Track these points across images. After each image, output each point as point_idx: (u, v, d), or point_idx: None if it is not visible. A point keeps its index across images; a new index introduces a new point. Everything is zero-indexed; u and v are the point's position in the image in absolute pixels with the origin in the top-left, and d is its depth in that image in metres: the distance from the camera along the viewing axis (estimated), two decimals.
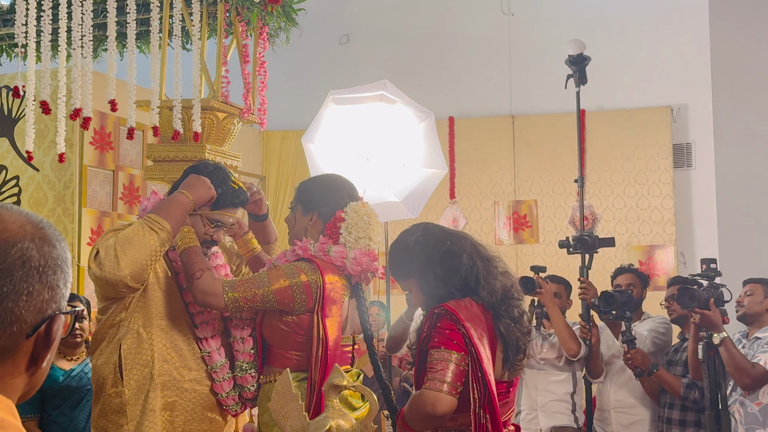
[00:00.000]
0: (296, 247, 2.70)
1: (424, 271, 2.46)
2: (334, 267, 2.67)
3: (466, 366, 2.26)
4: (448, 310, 2.34)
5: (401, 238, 2.57)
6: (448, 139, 7.60)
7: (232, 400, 2.83)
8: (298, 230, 2.79)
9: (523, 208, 7.47)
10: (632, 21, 7.54)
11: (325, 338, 2.54)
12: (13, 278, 1.09)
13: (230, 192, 2.82)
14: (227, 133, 4.33)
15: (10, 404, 1.09)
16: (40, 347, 1.13)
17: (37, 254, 1.11)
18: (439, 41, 8.01)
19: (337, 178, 2.92)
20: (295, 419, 2.00)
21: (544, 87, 7.35)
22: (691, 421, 4.22)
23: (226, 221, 2.82)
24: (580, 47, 4.61)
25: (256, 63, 4.38)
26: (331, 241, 2.70)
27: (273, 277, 2.58)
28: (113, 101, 3.65)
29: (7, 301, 1.08)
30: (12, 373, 1.11)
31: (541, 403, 4.68)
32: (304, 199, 2.80)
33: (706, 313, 3.74)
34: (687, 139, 7.37)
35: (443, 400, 2.21)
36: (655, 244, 7.23)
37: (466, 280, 2.41)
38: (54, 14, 3.60)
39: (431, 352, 2.28)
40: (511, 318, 2.43)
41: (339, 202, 2.75)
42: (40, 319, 1.12)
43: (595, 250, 4.43)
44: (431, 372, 2.25)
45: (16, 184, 5.74)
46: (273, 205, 7.93)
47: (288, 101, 7.53)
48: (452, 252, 2.44)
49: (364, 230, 2.68)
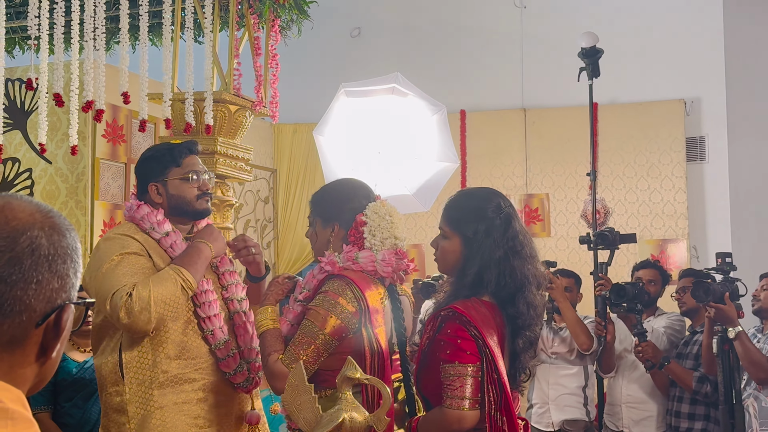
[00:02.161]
0: (322, 264, 2.59)
1: (481, 244, 2.34)
2: (366, 274, 2.58)
3: (481, 374, 2.22)
4: (457, 311, 2.26)
5: (483, 195, 2.47)
6: (459, 132, 7.59)
7: (242, 376, 2.83)
8: (320, 244, 2.69)
9: (534, 201, 7.45)
10: (645, 13, 7.50)
11: (380, 349, 2.48)
12: (22, 266, 1.08)
13: (178, 146, 2.89)
14: (239, 126, 4.33)
15: (20, 395, 1.09)
16: (50, 337, 1.13)
17: (47, 243, 1.11)
18: (451, 34, 7.98)
19: (350, 182, 2.84)
20: (308, 411, 1.99)
21: (556, 80, 7.32)
22: (700, 415, 4.19)
23: (198, 169, 2.86)
24: (593, 40, 4.59)
25: (268, 56, 4.38)
26: (356, 248, 2.60)
27: (320, 321, 2.45)
28: (126, 94, 3.65)
29: (16, 289, 1.08)
30: (21, 363, 1.11)
31: (552, 396, 4.67)
32: (322, 212, 2.71)
33: (721, 307, 3.72)
34: (700, 133, 7.33)
35: (467, 417, 2.19)
36: (667, 238, 7.20)
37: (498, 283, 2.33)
38: (67, 7, 3.61)
39: (445, 367, 2.22)
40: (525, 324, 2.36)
41: (357, 206, 2.66)
42: (49, 309, 1.11)
43: (616, 246, 4.41)
44: (450, 389, 2.21)
45: (29, 177, 5.76)
46: (284, 198, 7.94)
47: (299, 94, 7.52)
48: (516, 253, 2.36)
49: (388, 230, 2.59)
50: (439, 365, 2.24)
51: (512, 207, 2.47)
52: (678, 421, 4.24)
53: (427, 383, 2.32)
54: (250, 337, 2.88)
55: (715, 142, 7.27)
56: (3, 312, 1.07)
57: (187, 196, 2.85)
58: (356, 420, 2.00)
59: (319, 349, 2.44)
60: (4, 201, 1.11)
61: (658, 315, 4.64)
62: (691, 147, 7.30)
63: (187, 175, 2.84)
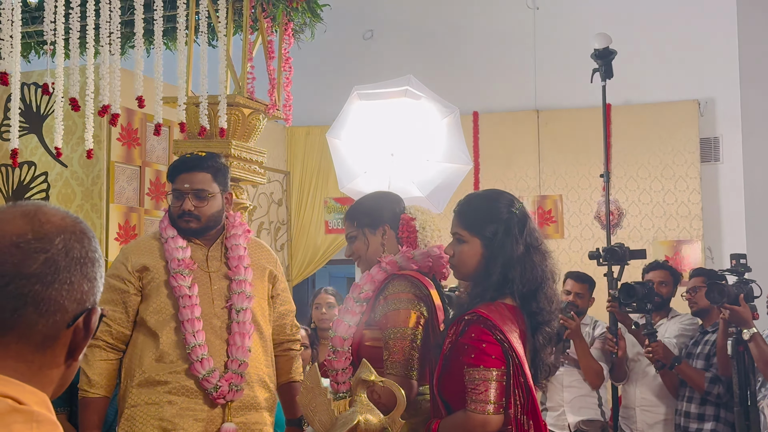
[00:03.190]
0: (382, 263, 2.61)
1: (502, 246, 2.34)
2: (421, 274, 2.61)
3: (506, 378, 2.21)
4: (481, 315, 2.24)
5: (494, 196, 2.48)
6: (472, 134, 7.57)
7: (209, 382, 2.85)
8: (373, 251, 2.71)
9: (548, 203, 7.43)
10: (658, 14, 7.47)
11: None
12: (57, 267, 1.12)
13: (175, 162, 3.13)
14: (253, 129, 4.35)
15: (45, 398, 1.11)
16: (79, 338, 1.16)
17: (79, 246, 1.15)
18: (464, 36, 7.98)
19: (378, 192, 2.97)
20: (323, 414, 2.00)
21: (569, 81, 7.30)
22: (710, 415, 4.17)
23: (184, 189, 2.97)
24: (606, 41, 4.58)
25: (281, 59, 4.40)
26: (410, 247, 2.65)
27: (402, 320, 2.47)
28: (141, 98, 3.67)
29: (51, 290, 1.11)
30: (50, 364, 1.14)
31: (567, 399, 4.67)
32: (368, 220, 2.74)
33: (735, 308, 3.71)
34: (714, 133, 7.29)
35: (491, 421, 2.19)
36: (681, 239, 7.16)
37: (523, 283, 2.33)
38: (82, 11, 3.63)
39: (469, 371, 2.22)
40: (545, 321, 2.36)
41: (397, 208, 2.74)
42: (79, 310, 1.14)
43: (625, 261, 4.39)
44: (474, 393, 2.20)
45: (44, 180, 5.80)
46: (297, 201, 7.95)
47: (312, 97, 7.54)
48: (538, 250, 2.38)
49: (433, 224, 2.67)
50: (462, 369, 2.23)
51: (523, 204, 2.48)
52: (687, 422, 4.22)
53: (449, 386, 2.31)
54: (238, 348, 2.91)
55: (730, 142, 7.23)
56: (39, 311, 1.10)
57: (174, 213, 3.01)
58: (371, 422, 2.01)
59: (415, 344, 2.47)
60: (36, 207, 1.15)
61: (671, 317, 4.62)
62: (705, 147, 7.26)
63: (171, 193, 3.01)
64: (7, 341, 1.10)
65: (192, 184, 2.97)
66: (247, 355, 2.91)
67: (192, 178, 2.98)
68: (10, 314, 1.09)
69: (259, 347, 3.02)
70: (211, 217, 3.01)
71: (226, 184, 3.08)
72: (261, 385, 3.00)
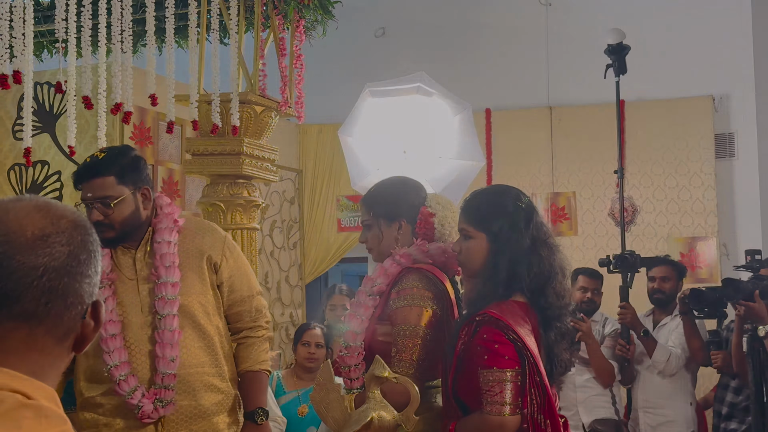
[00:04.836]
0: (396, 256, 2.55)
1: (508, 240, 2.32)
2: (437, 267, 2.56)
3: (521, 378, 2.19)
4: (493, 316, 2.22)
5: (500, 191, 2.46)
6: (485, 130, 7.55)
7: (133, 401, 2.71)
8: (386, 244, 2.64)
9: (561, 200, 7.40)
10: (673, 9, 7.42)
11: None
12: (79, 260, 1.14)
13: (74, 173, 2.84)
14: (265, 127, 4.35)
15: (53, 393, 1.12)
16: (89, 330, 1.17)
17: (90, 239, 1.17)
18: (476, 33, 7.95)
19: (401, 178, 2.82)
20: (336, 410, 1.99)
21: (582, 77, 7.26)
22: None
23: (86, 198, 2.75)
24: (620, 36, 4.55)
25: (293, 56, 4.39)
26: (426, 241, 2.59)
27: (414, 317, 2.43)
28: (154, 96, 3.67)
29: (75, 282, 1.13)
30: (63, 356, 1.15)
31: (580, 399, 4.65)
32: (384, 211, 2.66)
33: (751, 305, 3.69)
34: (729, 129, 7.24)
35: (508, 423, 2.17)
36: (696, 235, 7.12)
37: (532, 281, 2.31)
38: (94, 10, 3.64)
39: (483, 372, 2.19)
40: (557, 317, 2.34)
41: (416, 200, 2.64)
42: (90, 303, 1.16)
43: (636, 269, 4.38)
44: (489, 395, 2.18)
45: (58, 179, 5.82)
46: (310, 199, 7.95)
47: (324, 94, 7.53)
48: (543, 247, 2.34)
49: (453, 219, 2.58)
50: (477, 370, 2.21)
51: (530, 199, 2.45)
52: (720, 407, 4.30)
53: (464, 387, 2.29)
54: (166, 361, 2.73)
55: (745, 138, 7.18)
56: (66, 304, 1.12)
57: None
58: (385, 419, 2.00)
59: (425, 343, 2.42)
60: (44, 201, 1.17)
61: (675, 316, 4.60)
62: (720, 143, 7.21)
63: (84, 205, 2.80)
64: (36, 334, 1.11)
65: (94, 193, 2.74)
66: (174, 366, 2.72)
67: (92, 186, 2.75)
68: (43, 307, 1.10)
69: (199, 349, 2.82)
70: (126, 222, 2.77)
71: (137, 180, 2.81)
72: (207, 389, 2.82)
